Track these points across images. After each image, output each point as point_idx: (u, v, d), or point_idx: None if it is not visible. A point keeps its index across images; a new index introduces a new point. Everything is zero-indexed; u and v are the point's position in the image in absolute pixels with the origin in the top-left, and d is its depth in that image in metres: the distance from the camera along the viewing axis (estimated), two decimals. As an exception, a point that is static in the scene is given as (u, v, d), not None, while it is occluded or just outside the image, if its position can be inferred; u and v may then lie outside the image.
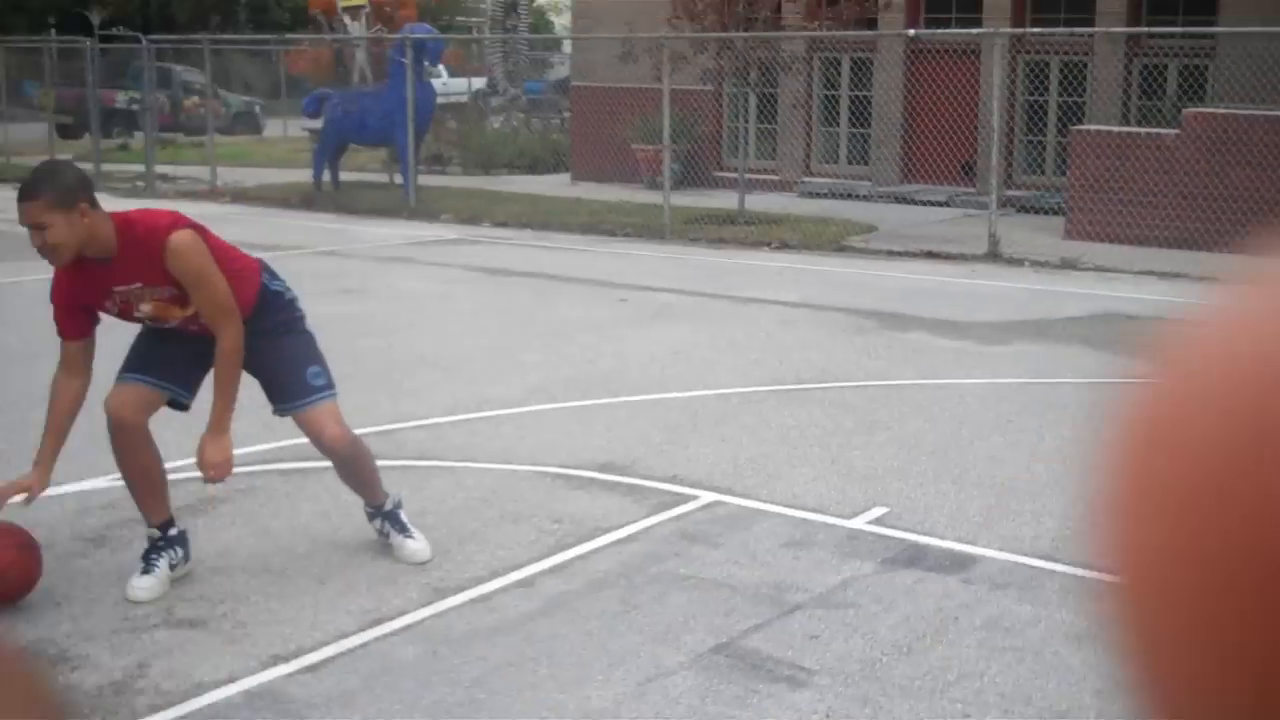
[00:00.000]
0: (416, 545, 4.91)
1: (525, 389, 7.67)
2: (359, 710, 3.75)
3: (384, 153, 20.79)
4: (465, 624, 4.37)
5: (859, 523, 5.43)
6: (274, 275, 4.80)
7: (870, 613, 4.50)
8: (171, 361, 4.69)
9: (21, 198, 4.33)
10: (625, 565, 4.92)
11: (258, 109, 36.00)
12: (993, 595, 4.67)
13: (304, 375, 4.72)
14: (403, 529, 4.94)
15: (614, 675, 4.00)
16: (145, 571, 4.60)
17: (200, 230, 4.53)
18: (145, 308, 4.55)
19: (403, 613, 4.45)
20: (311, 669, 4.02)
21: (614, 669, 4.04)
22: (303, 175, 20.61)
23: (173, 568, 4.65)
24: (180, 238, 4.38)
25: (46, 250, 4.33)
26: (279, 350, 4.71)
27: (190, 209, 17.85)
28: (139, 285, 4.47)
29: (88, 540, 5.13)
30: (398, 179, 19.21)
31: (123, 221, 4.45)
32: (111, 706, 3.75)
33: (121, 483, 5.74)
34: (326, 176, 19.32)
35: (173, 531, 4.72)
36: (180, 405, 4.81)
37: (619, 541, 5.17)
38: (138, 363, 4.71)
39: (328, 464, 5.00)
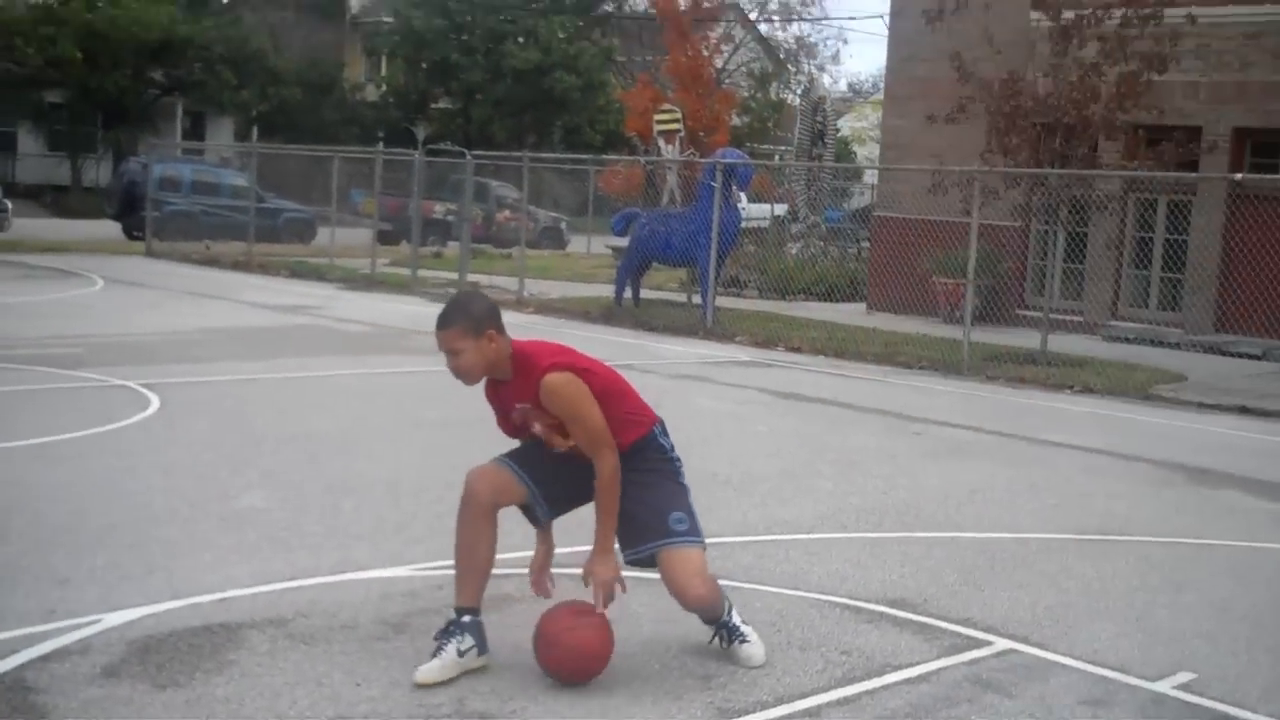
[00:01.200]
0: (753, 648, 5.07)
1: (816, 515, 7.62)
2: (641, 824, 3.74)
3: (683, 273, 21.19)
4: (750, 749, 4.32)
5: (1164, 686, 5.15)
6: (665, 434, 5.07)
7: (1175, 783, 4.25)
8: (549, 474, 4.94)
9: (439, 325, 4.79)
10: (915, 706, 4.79)
11: (564, 225, 37.30)
12: (1312, 779, 4.34)
13: (666, 519, 4.88)
14: (743, 638, 5.10)
15: (900, 818, 3.88)
16: (434, 655, 4.74)
17: (586, 371, 4.83)
18: (536, 428, 4.88)
19: (687, 730, 4.43)
20: (596, 777, 4.04)
21: (900, 812, 3.92)
22: (603, 290, 21.19)
23: (461, 654, 4.75)
24: (553, 379, 4.74)
25: (460, 372, 4.79)
26: (645, 489, 4.90)
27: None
28: (528, 405, 4.84)
29: (389, 625, 5.30)
30: (696, 299, 19.54)
31: (517, 349, 4.86)
32: (403, 793, 3.84)
33: (425, 573, 5.97)
34: (628, 293, 19.81)
35: (467, 619, 4.83)
36: (535, 516, 5.03)
37: (909, 680, 5.04)
38: (518, 455, 5.02)
39: (626, 574, 5.05)
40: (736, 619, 5.14)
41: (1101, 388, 14.06)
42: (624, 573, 4.94)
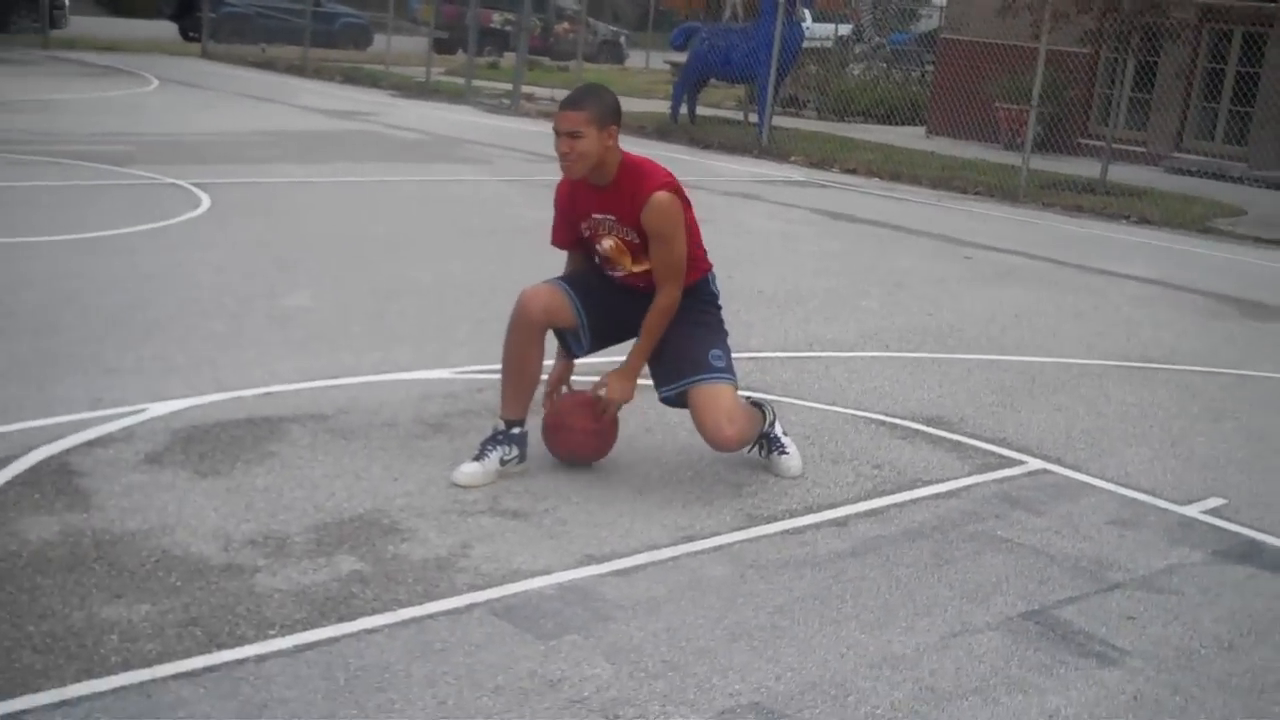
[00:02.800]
0: (791, 458, 5.13)
1: (859, 334, 7.62)
2: (664, 619, 3.83)
3: (741, 91, 20.88)
4: (775, 553, 4.40)
5: (1193, 510, 5.17)
6: (715, 281, 5.08)
7: (1194, 602, 4.30)
8: (599, 305, 4.92)
9: (568, 105, 4.68)
10: (942, 519, 4.84)
11: (623, 39, 36.73)
12: (1333, 604, 4.38)
13: (705, 354, 4.87)
14: (782, 448, 5.14)
15: (918, 624, 3.95)
16: (477, 459, 4.81)
17: (685, 202, 4.81)
18: (607, 243, 4.83)
19: (715, 533, 4.51)
20: (623, 573, 4.12)
21: (919, 618, 3.99)
22: (660, 106, 20.94)
23: (503, 463, 4.83)
24: (663, 196, 4.70)
25: (572, 157, 4.65)
26: (692, 327, 4.90)
27: (546, 128, 18.51)
28: (613, 218, 4.78)
29: (428, 424, 5.39)
30: (753, 117, 19.29)
31: (629, 159, 4.80)
32: (433, 580, 3.94)
33: (465, 376, 6.05)
34: (684, 109, 19.57)
35: (516, 430, 4.90)
36: (573, 346, 5.01)
37: (938, 495, 5.09)
38: (574, 281, 4.98)
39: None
40: (778, 430, 5.18)
41: (1159, 219, 13.86)
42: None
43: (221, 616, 3.61)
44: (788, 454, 5.12)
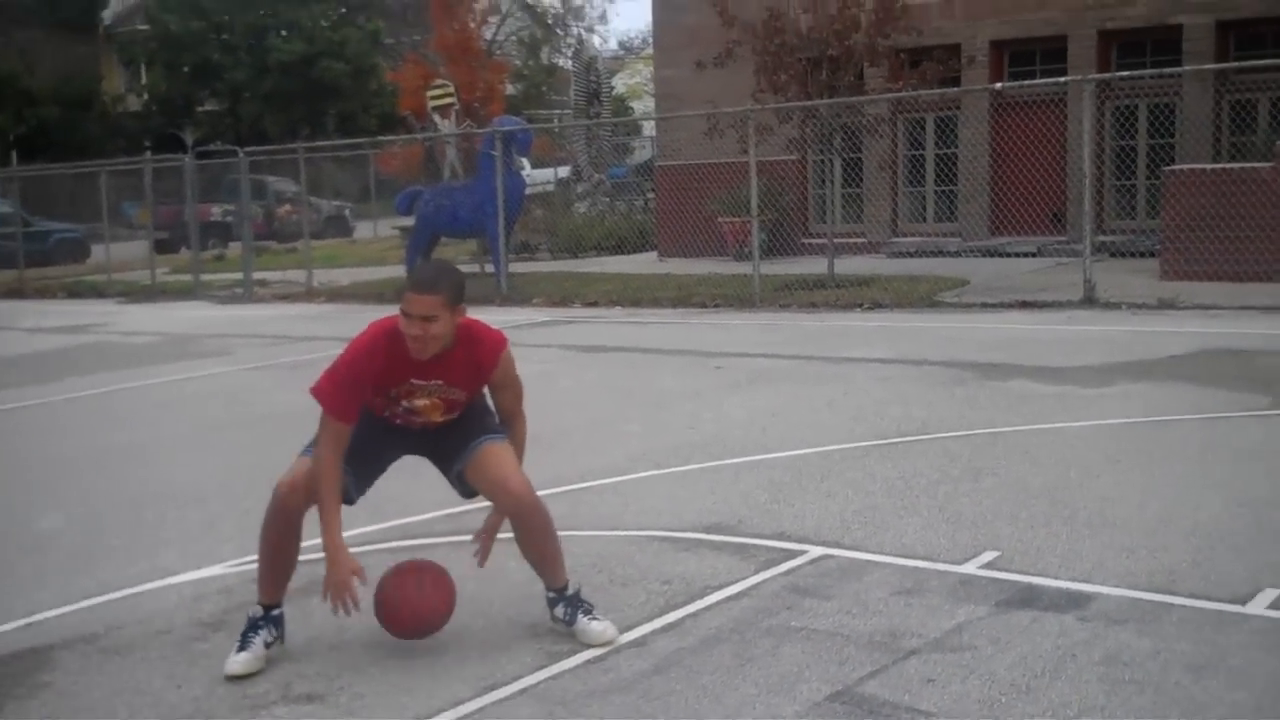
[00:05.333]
0: (602, 626, 4.78)
1: (628, 458, 7.70)
2: (479, 773, 3.76)
3: (474, 244, 21.10)
4: (580, 686, 4.37)
5: (970, 568, 5.36)
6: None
7: (986, 654, 4.43)
8: (365, 455, 4.77)
9: (421, 289, 4.52)
10: (737, 621, 4.89)
11: (348, 212, 36.76)
12: (1110, 631, 4.58)
13: (482, 425, 4.85)
14: (589, 610, 4.83)
15: (731, 728, 3.97)
16: (241, 648, 4.66)
17: None
18: (420, 402, 4.71)
19: (517, 678, 4.45)
20: (430, 736, 4.04)
21: (731, 721, 4.01)
22: (396, 272, 20.98)
23: (268, 645, 4.70)
24: (508, 351, 4.83)
25: (425, 340, 4.52)
26: (464, 421, 4.85)
27: (289, 311, 18.25)
28: (440, 382, 4.68)
29: (205, 625, 5.20)
30: (489, 268, 19.49)
31: (465, 324, 4.68)
32: (237, 782, 3.79)
33: (237, 570, 5.87)
34: (420, 270, 19.61)
35: (275, 612, 4.78)
36: (348, 499, 4.83)
37: (729, 598, 5.15)
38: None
39: (435, 541, 5.04)
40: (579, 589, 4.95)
41: (889, 301, 14.48)
42: (447, 540, 4.94)
43: None
44: (599, 620, 4.80)
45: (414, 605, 4.72)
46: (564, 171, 30.33)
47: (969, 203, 19.80)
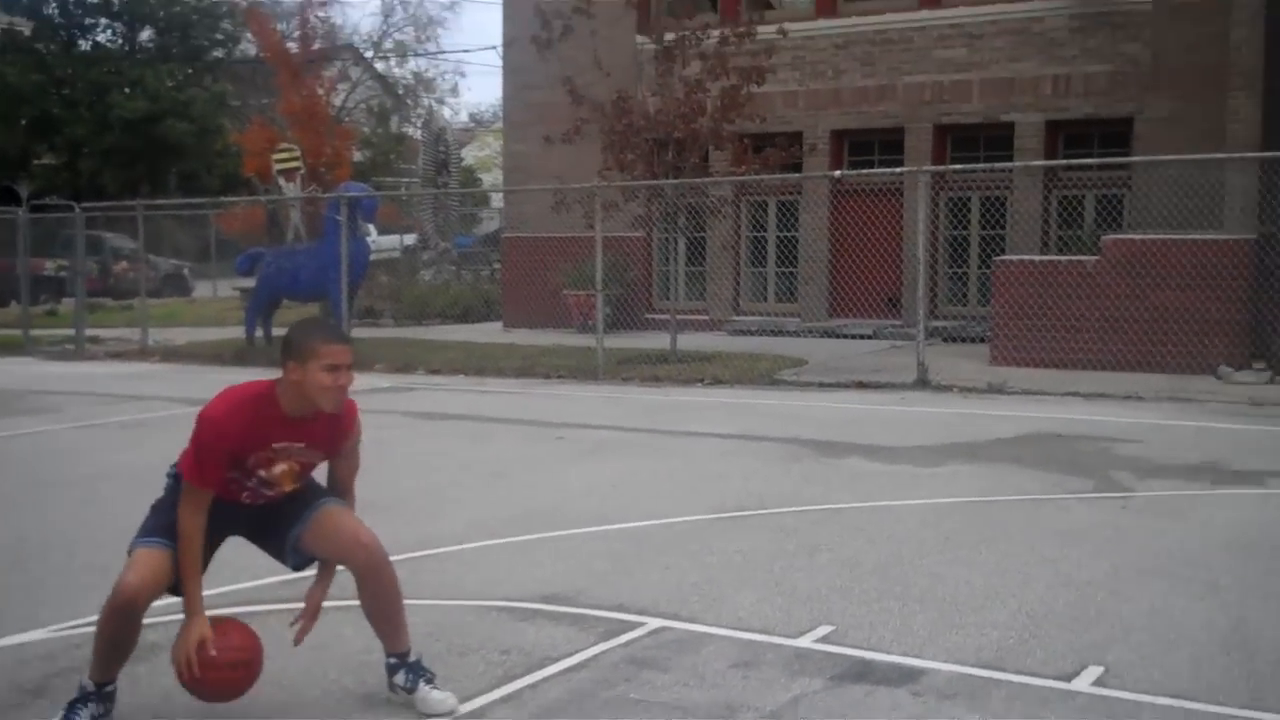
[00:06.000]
0: (443, 695, 4.74)
1: (466, 525, 7.67)
2: (310, 844, 3.69)
3: (316, 308, 20.86)
4: (415, 756, 4.32)
5: (806, 641, 5.44)
6: None
7: (821, 727, 4.50)
8: (209, 534, 4.62)
9: (345, 341, 4.62)
10: (575, 692, 4.89)
11: (186, 271, 36.07)
12: (941, 705, 4.68)
13: (313, 497, 4.79)
14: (430, 679, 4.77)
15: (568, 798, 3.96)
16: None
17: None
18: (279, 468, 4.61)
19: (351, 747, 4.39)
20: (260, 806, 3.95)
21: (567, 792, 4.00)
22: (234, 333, 20.62)
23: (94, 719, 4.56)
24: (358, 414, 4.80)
25: (342, 393, 4.55)
26: (289, 501, 4.77)
27: (122, 369, 17.75)
28: (301, 445, 4.60)
29: (26, 691, 5.02)
30: (330, 333, 19.24)
31: None
32: None
33: (61, 634, 5.69)
34: (260, 332, 19.35)
35: (109, 689, 4.62)
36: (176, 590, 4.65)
37: (568, 670, 5.15)
38: (168, 527, 4.57)
39: (272, 608, 4.96)
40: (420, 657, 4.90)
41: (730, 378, 14.68)
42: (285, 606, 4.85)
43: None
44: (439, 690, 4.75)
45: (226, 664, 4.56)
46: (410, 239, 30.23)
47: (809, 284, 20.23)
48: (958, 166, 16.61)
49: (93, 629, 4.76)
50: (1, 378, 16.73)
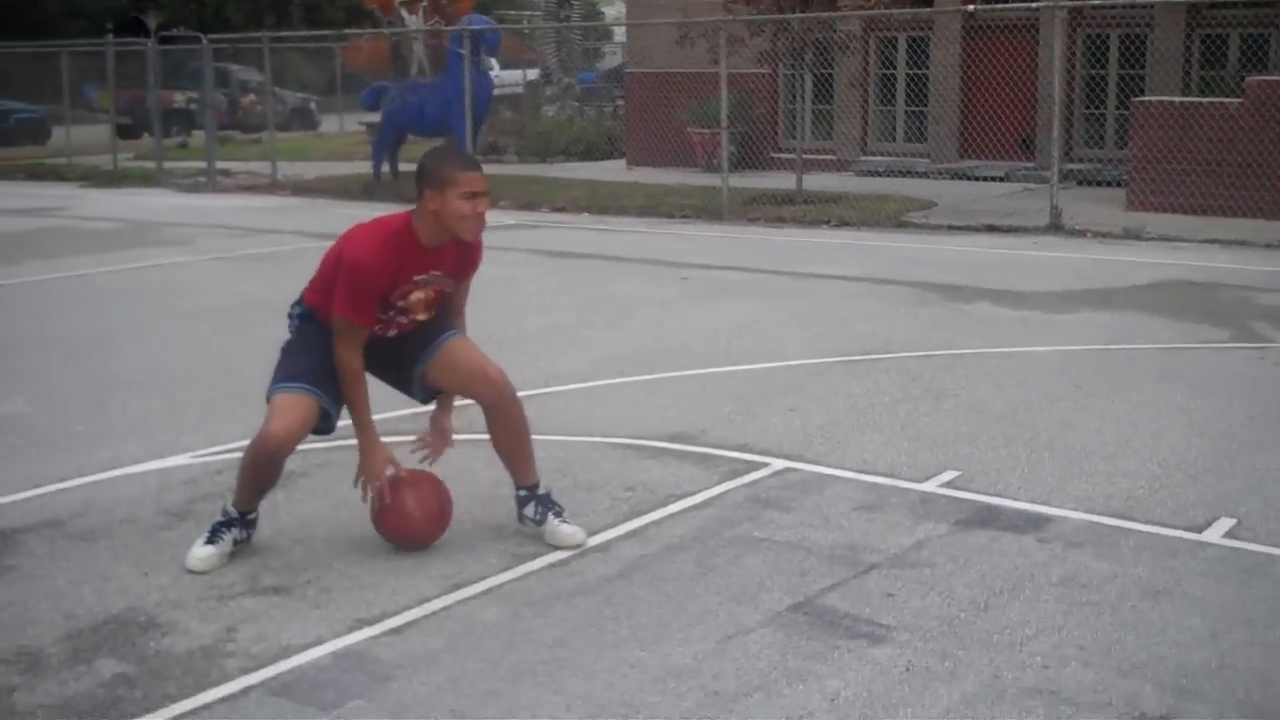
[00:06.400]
0: (572, 529, 4.82)
1: (592, 364, 7.73)
2: (445, 669, 3.81)
3: (441, 143, 20.91)
4: (545, 587, 4.42)
5: (931, 486, 5.43)
6: None
7: (946, 571, 4.51)
8: (335, 377, 4.66)
9: (479, 168, 4.63)
10: (699, 530, 4.95)
11: (313, 105, 36.27)
12: (1068, 553, 4.66)
13: (438, 330, 4.84)
14: (559, 512, 4.86)
15: (693, 633, 4.03)
16: (209, 541, 4.65)
17: None
18: (414, 297, 4.66)
19: (483, 577, 4.50)
20: (396, 631, 4.08)
21: (693, 627, 4.07)
22: (361, 167, 20.78)
23: (235, 544, 4.71)
24: None
25: (480, 220, 4.60)
26: (416, 334, 4.82)
27: (253, 201, 18.11)
28: (439, 272, 4.66)
29: (171, 514, 5.22)
30: (455, 168, 19.30)
31: None
32: (203, 669, 3.82)
33: (201, 460, 5.88)
34: (385, 167, 19.47)
35: (251, 516, 4.77)
36: (329, 425, 4.75)
37: (692, 508, 5.20)
38: (314, 371, 4.63)
39: (402, 439, 5.06)
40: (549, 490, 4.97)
41: (857, 220, 14.48)
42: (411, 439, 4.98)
43: (-19, 741, 3.42)
44: (568, 523, 4.83)
45: (423, 517, 4.74)
46: (533, 74, 30.03)
47: (939, 124, 19.75)
48: (1095, 2, 15.98)
49: (234, 455, 4.93)
50: (136, 209, 17.10)
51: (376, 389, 4.80)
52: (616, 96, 27.46)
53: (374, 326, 4.61)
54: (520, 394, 4.93)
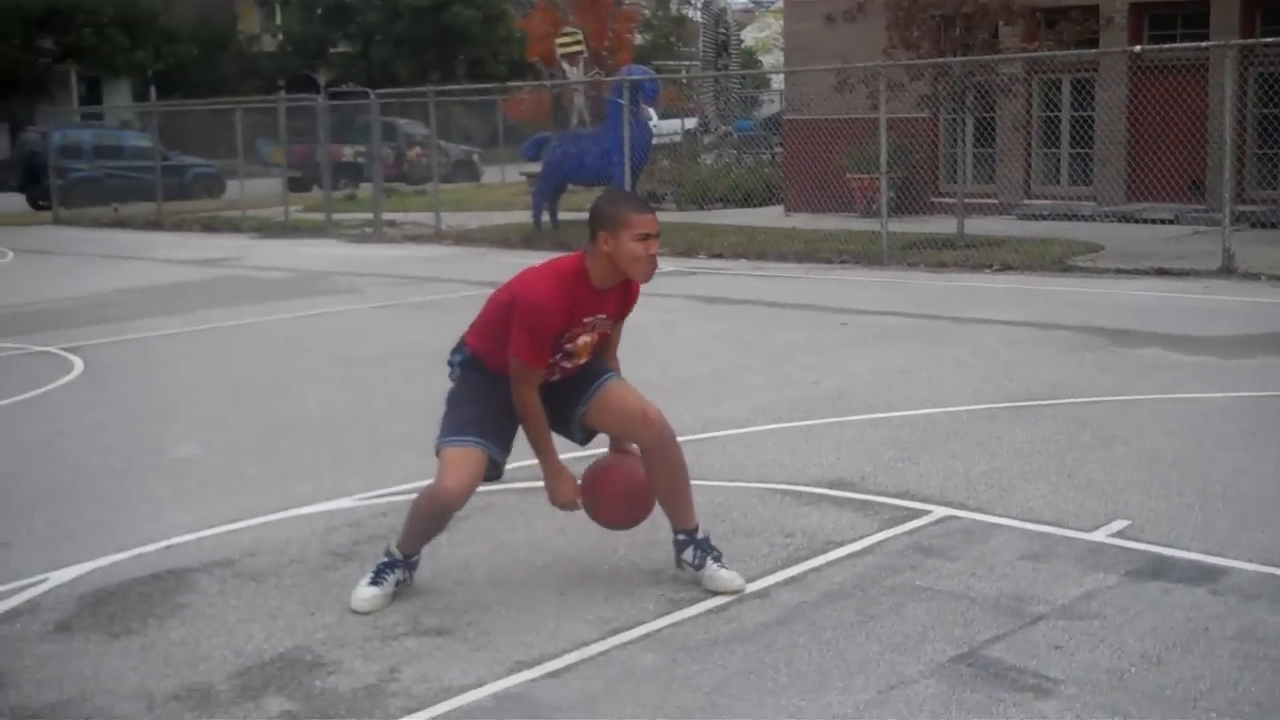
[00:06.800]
0: (731, 574, 4.80)
1: (751, 410, 7.70)
2: (604, 713, 3.81)
3: (600, 193, 21.14)
4: (703, 633, 4.40)
5: (1100, 535, 5.28)
6: None
7: (1116, 623, 4.37)
8: (502, 424, 4.74)
9: (651, 211, 4.68)
10: (860, 577, 4.89)
11: (476, 157, 37.00)
12: (1245, 606, 4.49)
13: (597, 371, 4.87)
14: (718, 557, 4.84)
15: (854, 683, 3.97)
16: (373, 582, 4.74)
17: None
18: (582, 340, 4.71)
19: (640, 622, 4.50)
20: (555, 674, 4.09)
21: (854, 677, 4.01)
22: (521, 217, 21.11)
23: (398, 585, 4.78)
24: None
25: (653, 263, 4.63)
26: (576, 377, 4.86)
27: (418, 251, 18.47)
28: (604, 316, 4.74)
29: (337, 555, 5.32)
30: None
31: None
32: (366, 709, 3.88)
33: (367, 503, 6.00)
34: (546, 216, 19.75)
35: (415, 559, 4.85)
36: (498, 474, 4.81)
37: (853, 555, 5.14)
38: (478, 422, 4.69)
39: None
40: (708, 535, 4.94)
41: (1020, 264, 14.25)
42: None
43: (155, 774, 3.51)
44: (727, 569, 4.80)
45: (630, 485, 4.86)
46: (691, 123, 30.22)
47: (1105, 166, 19.37)
48: (1269, 39, 15.53)
49: (398, 498, 5.02)
50: (306, 259, 17.59)
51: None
52: (775, 143, 27.48)
53: (545, 368, 4.64)
54: (679, 439, 4.92)
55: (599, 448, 5.08)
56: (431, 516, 4.73)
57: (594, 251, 4.59)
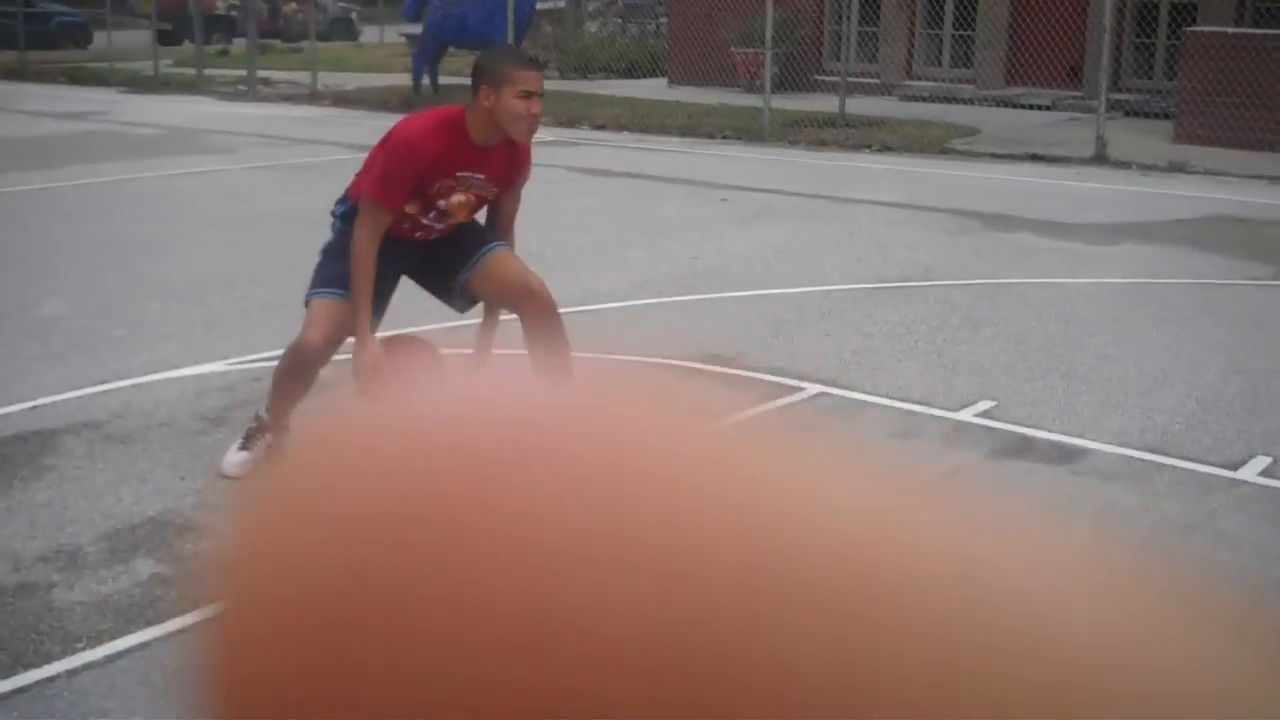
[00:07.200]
0: None
1: (629, 284, 7.72)
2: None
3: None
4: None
5: (966, 415, 5.42)
6: None
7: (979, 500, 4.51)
8: (377, 285, 4.62)
9: (537, 67, 4.60)
10: (733, 451, 4.96)
11: (354, 15, 36.09)
12: (1102, 486, 4.66)
13: (481, 240, 4.81)
14: None
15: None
16: (243, 448, 4.70)
17: None
18: (457, 198, 4.59)
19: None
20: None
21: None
22: (401, 79, 20.68)
23: (269, 450, 4.73)
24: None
25: (535, 121, 4.53)
26: (457, 240, 4.79)
27: (292, 111, 18.01)
28: (482, 176, 4.60)
29: (208, 419, 5.27)
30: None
31: None
32: (238, 573, 3.87)
33: (239, 367, 5.92)
34: (426, 80, 19.39)
35: (284, 421, 4.79)
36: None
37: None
38: (346, 279, 4.59)
39: (443, 353, 5.07)
40: None
41: (899, 145, 14.36)
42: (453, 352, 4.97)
43: (24, 637, 3.49)
44: None
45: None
46: (576, -12, 29.75)
47: (986, 49, 19.50)
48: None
49: (270, 363, 4.96)
50: (176, 116, 17.10)
51: (413, 299, 4.81)
52: (660, 14, 27.20)
53: (396, 214, 4.51)
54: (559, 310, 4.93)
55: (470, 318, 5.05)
56: (293, 373, 4.62)
57: (475, 106, 4.50)
